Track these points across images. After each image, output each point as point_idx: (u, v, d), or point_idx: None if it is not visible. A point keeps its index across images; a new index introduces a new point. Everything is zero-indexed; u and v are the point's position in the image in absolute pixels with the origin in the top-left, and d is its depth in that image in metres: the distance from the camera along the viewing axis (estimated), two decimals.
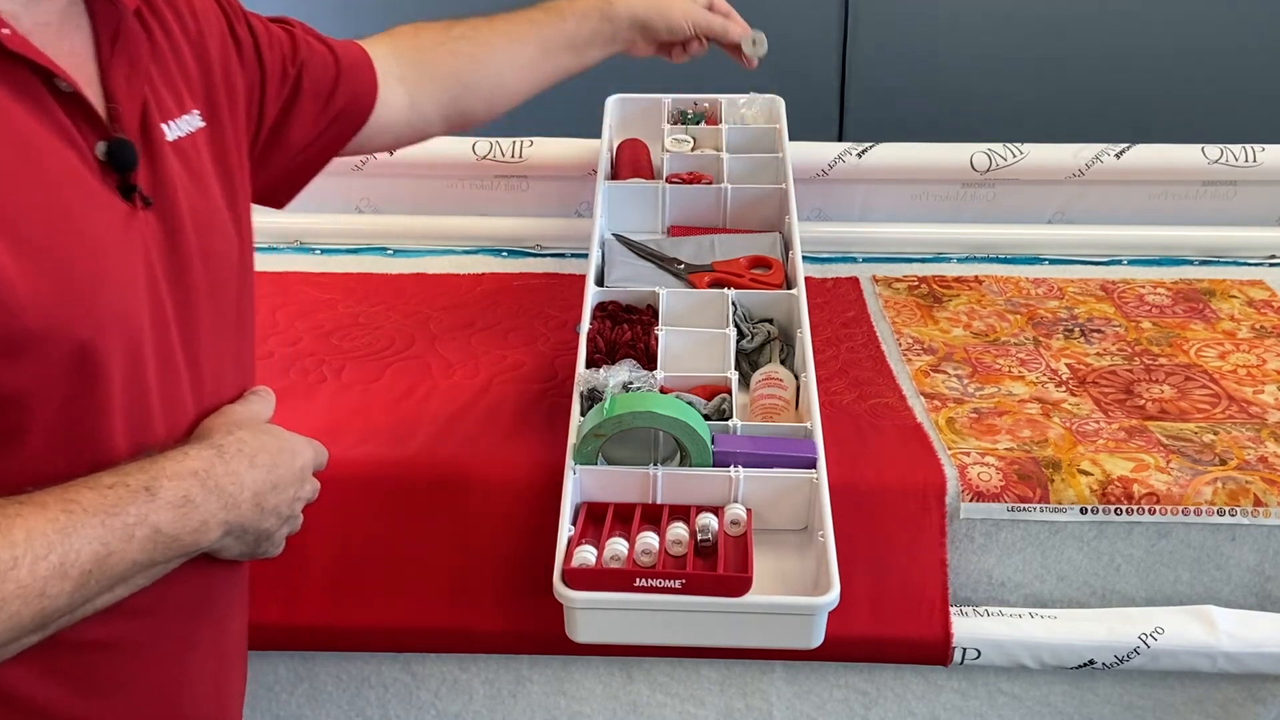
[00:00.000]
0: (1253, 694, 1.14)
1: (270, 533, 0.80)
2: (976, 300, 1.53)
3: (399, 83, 1.10)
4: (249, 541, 0.79)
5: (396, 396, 1.27)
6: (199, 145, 0.82)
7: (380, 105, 1.08)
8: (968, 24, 2.48)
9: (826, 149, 1.67)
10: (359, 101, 1.05)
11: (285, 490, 0.80)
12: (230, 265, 0.84)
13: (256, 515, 0.78)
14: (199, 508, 0.73)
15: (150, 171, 0.76)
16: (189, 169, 0.80)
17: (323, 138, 1.02)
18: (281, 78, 0.96)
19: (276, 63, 0.95)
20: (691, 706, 1.17)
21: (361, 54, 1.07)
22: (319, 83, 1.00)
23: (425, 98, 1.13)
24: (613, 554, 0.95)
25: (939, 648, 1.10)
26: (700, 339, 1.19)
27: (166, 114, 0.80)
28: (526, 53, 1.18)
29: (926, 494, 1.12)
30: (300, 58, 0.98)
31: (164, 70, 0.81)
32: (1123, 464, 1.15)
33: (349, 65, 1.04)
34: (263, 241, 1.68)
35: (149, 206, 0.75)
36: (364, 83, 1.06)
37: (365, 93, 1.06)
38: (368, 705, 1.18)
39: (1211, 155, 1.66)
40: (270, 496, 0.79)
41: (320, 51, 1.01)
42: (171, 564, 0.73)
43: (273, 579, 1.13)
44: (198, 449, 0.75)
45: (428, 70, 1.13)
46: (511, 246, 1.69)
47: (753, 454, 1.03)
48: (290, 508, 0.82)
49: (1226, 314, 1.49)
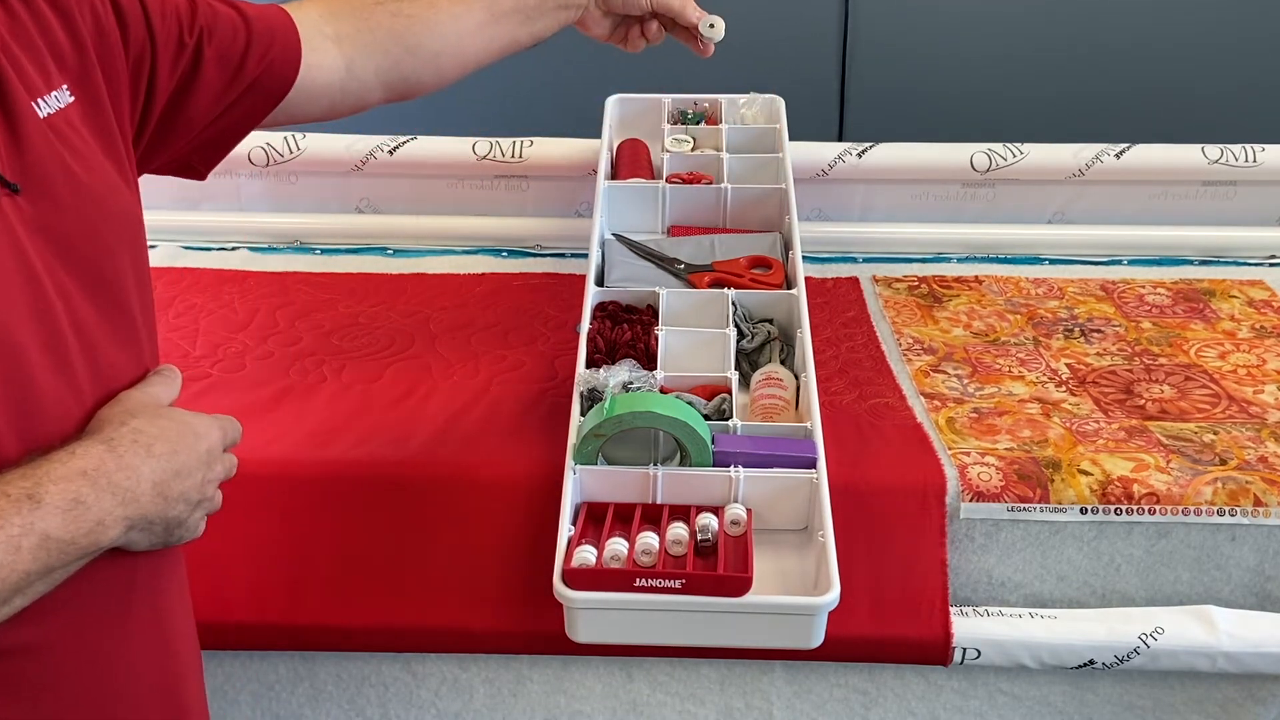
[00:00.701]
0: (1253, 694, 1.15)
1: (181, 519, 0.77)
2: (976, 300, 1.53)
3: (334, 44, 1.03)
4: (158, 532, 0.76)
5: (396, 396, 1.27)
6: (73, 120, 0.78)
7: (309, 70, 1.01)
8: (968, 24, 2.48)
9: (826, 149, 1.67)
10: (278, 69, 0.98)
11: (190, 475, 0.77)
12: (126, 241, 0.80)
13: (161, 505, 0.74)
14: (91, 508, 0.69)
15: (16, 153, 0.73)
16: (68, 145, 0.76)
17: (237, 108, 0.96)
18: (178, 47, 0.90)
19: (171, 31, 0.89)
20: (691, 706, 1.17)
21: (283, 17, 1.00)
22: (226, 50, 0.93)
23: (363, 62, 1.06)
24: (613, 554, 0.95)
25: (939, 648, 1.10)
26: (700, 339, 1.19)
27: (35, 91, 0.75)
28: (474, 16, 1.11)
29: (926, 494, 1.12)
30: (200, 24, 0.91)
31: (29, 46, 0.77)
32: (1123, 464, 1.15)
33: (263, 30, 0.97)
34: (263, 241, 1.69)
35: (16, 192, 0.72)
36: (284, 48, 0.99)
37: (285, 59, 0.99)
38: (368, 705, 1.18)
39: (1211, 155, 1.66)
40: (174, 484, 0.75)
41: (227, 16, 0.95)
42: (72, 567, 0.71)
43: (273, 579, 1.13)
44: (85, 446, 0.71)
45: (366, 32, 1.06)
46: (511, 246, 1.69)
47: (753, 454, 1.03)
48: (200, 491, 0.78)
49: (1226, 314, 1.49)
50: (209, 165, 0.99)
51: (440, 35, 1.10)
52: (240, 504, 1.13)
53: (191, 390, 1.28)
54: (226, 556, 1.13)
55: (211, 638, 1.14)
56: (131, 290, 0.80)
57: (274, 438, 1.18)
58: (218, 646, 1.16)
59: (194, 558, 1.13)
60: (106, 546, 0.72)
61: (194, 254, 1.66)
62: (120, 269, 0.79)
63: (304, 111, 1.03)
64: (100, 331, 0.77)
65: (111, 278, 0.78)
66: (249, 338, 1.42)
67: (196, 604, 1.12)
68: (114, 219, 0.79)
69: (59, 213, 0.74)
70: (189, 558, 1.13)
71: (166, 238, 1.68)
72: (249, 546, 1.14)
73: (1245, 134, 1.70)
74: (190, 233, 1.69)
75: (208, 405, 1.24)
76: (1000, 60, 2.49)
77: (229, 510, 1.13)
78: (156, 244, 1.67)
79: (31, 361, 0.71)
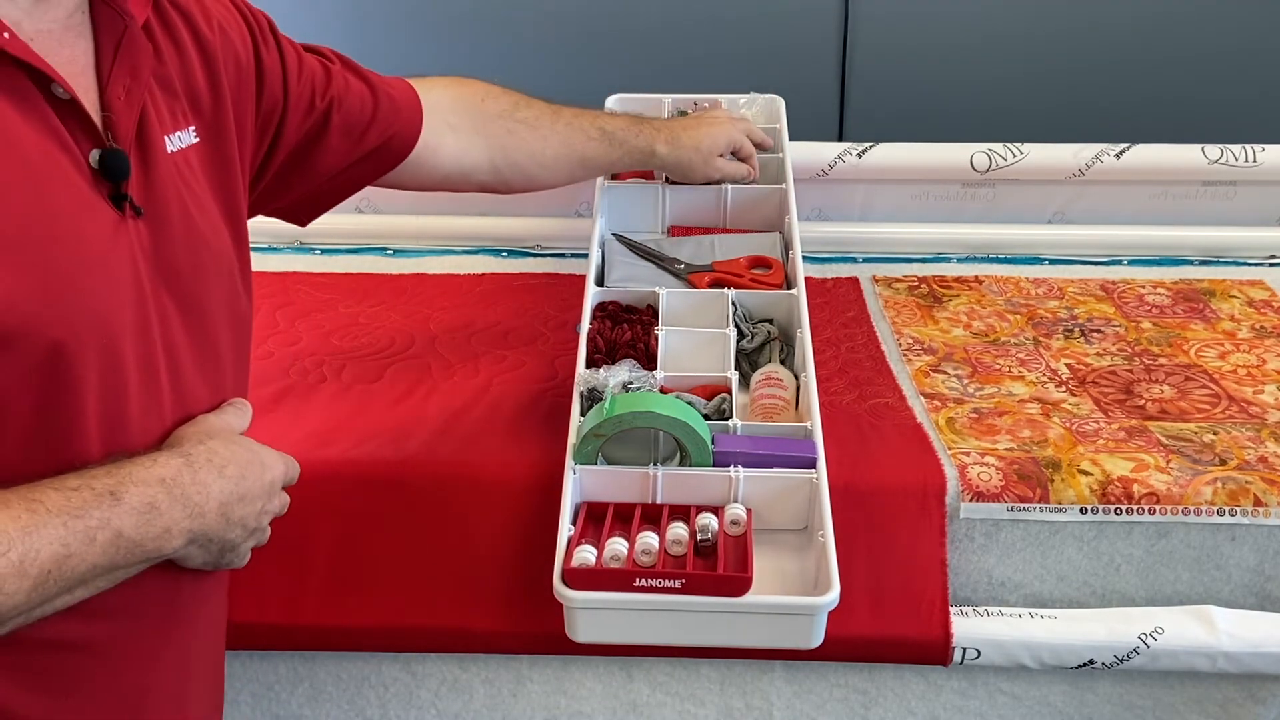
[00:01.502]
0: (1253, 694, 1.15)
1: (235, 544, 0.81)
2: (976, 300, 1.53)
3: (451, 134, 1.16)
4: (213, 551, 0.79)
5: (396, 397, 1.27)
6: (192, 160, 0.83)
7: (424, 149, 1.12)
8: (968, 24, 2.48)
9: (826, 149, 1.67)
10: (396, 143, 1.09)
11: (253, 503, 0.81)
12: (223, 277, 0.85)
13: (222, 525, 0.78)
14: (163, 515, 0.73)
15: (144, 181, 0.77)
16: (185, 182, 0.81)
17: (353, 170, 1.06)
18: (308, 109, 0.98)
19: (304, 93, 0.97)
20: (691, 706, 1.17)
21: (410, 95, 1.11)
22: (351, 118, 1.03)
23: (472, 160, 1.19)
24: (612, 554, 0.95)
25: (939, 648, 1.10)
26: (700, 339, 1.19)
27: (166, 127, 0.81)
28: (570, 161, 1.27)
29: (926, 494, 1.12)
30: (332, 93, 1.01)
31: (168, 84, 0.82)
32: (1123, 464, 1.15)
33: (389, 105, 1.07)
34: (263, 241, 1.69)
35: (140, 216, 0.76)
36: (406, 123, 1.09)
37: (405, 133, 1.09)
38: (368, 705, 1.18)
39: (1211, 155, 1.66)
40: (237, 508, 0.79)
41: (357, 89, 1.04)
42: (133, 569, 0.74)
43: (273, 579, 1.13)
44: (166, 456, 0.76)
45: (483, 135, 1.20)
46: (511, 246, 1.69)
47: (753, 454, 1.03)
48: (257, 520, 0.82)
49: (1226, 314, 1.49)
50: (315, 214, 1.10)
51: (540, 164, 1.26)
52: None
53: None
54: None
55: None
56: (222, 324, 0.85)
57: (274, 438, 1.17)
58: None
59: None
60: (168, 555, 0.75)
61: None
62: (216, 302, 0.84)
63: (408, 182, 1.15)
64: (188, 357, 0.81)
65: (205, 309, 0.83)
66: None
67: None
68: (214, 257, 0.84)
69: (170, 242, 0.79)
70: None
71: None
72: None
73: (1245, 134, 1.70)
74: None
75: None
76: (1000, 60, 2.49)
77: None
78: None
79: (128, 372, 0.75)
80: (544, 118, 1.25)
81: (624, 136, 1.31)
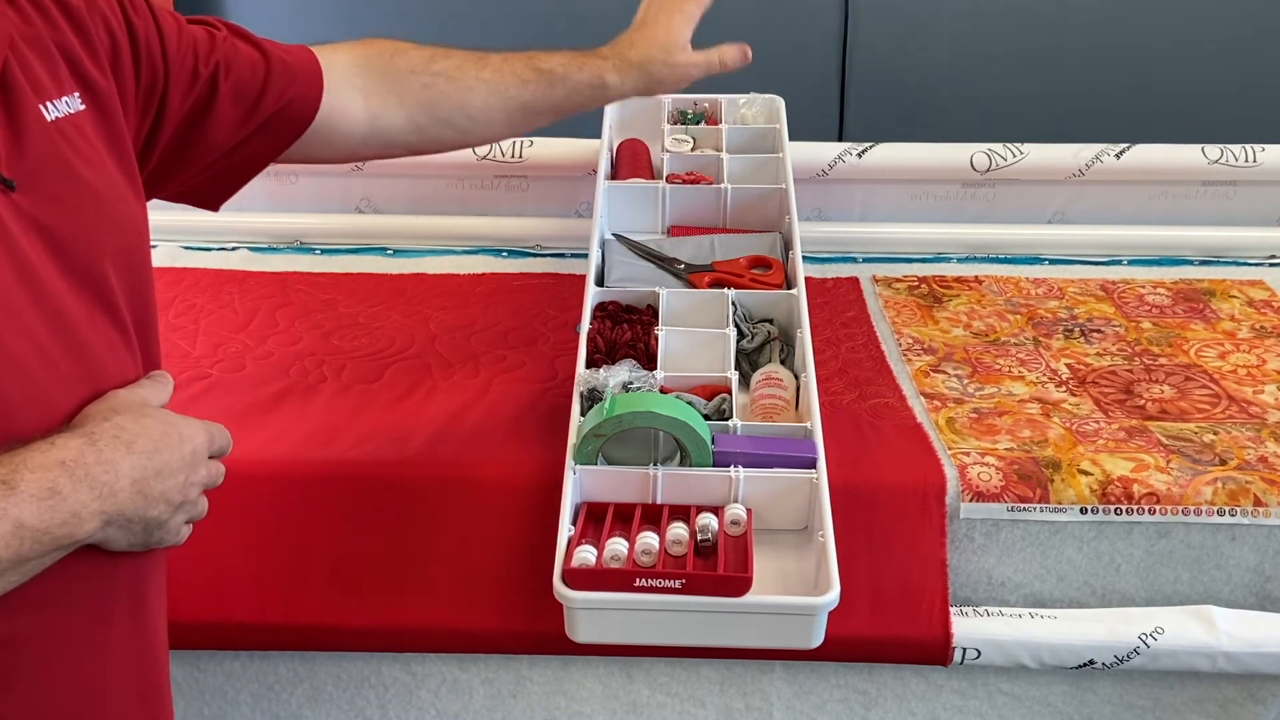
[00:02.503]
0: (1253, 694, 1.15)
1: (161, 520, 0.76)
2: (976, 300, 1.53)
3: (361, 96, 1.06)
4: (137, 531, 0.75)
5: (396, 396, 1.27)
6: (84, 128, 0.79)
7: (332, 112, 1.03)
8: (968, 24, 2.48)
9: (826, 149, 1.67)
10: (295, 108, 1.00)
11: (172, 476, 0.76)
12: (125, 248, 0.81)
13: (140, 503, 0.74)
14: (67, 499, 0.69)
15: (16, 153, 0.73)
16: (75, 150, 0.77)
17: (252, 143, 0.98)
18: (193, 76, 0.92)
19: (186, 60, 0.91)
20: (691, 706, 1.17)
21: (308, 58, 1.03)
22: (242, 84, 0.95)
23: (390, 119, 1.09)
24: (613, 554, 0.95)
25: (939, 648, 1.10)
26: (700, 339, 1.19)
27: (44, 93, 0.77)
28: (506, 108, 1.15)
29: (926, 494, 1.12)
30: (218, 58, 0.94)
31: (41, 49, 0.78)
32: (1123, 464, 1.15)
33: (283, 69, 0.99)
34: (262, 241, 1.69)
35: (12, 189, 0.72)
36: (305, 87, 1.01)
37: (305, 97, 1.01)
38: (368, 705, 1.18)
39: (1211, 155, 1.66)
40: (154, 483, 0.75)
41: (247, 53, 0.97)
42: (47, 559, 0.70)
43: (273, 579, 1.13)
44: (65, 438, 0.71)
45: (396, 93, 1.09)
46: (511, 246, 1.69)
47: (753, 454, 1.03)
48: (182, 493, 0.77)
49: (1226, 314, 1.49)
50: (222, 197, 1.02)
51: (470, 116, 1.13)
52: (240, 504, 1.14)
53: (191, 390, 1.28)
54: (227, 556, 1.13)
55: (211, 638, 1.15)
56: (132, 296, 0.81)
57: (274, 438, 1.18)
58: (218, 646, 1.16)
59: (195, 557, 1.13)
60: (82, 540, 0.72)
61: (194, 254, 1.66)
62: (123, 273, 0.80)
63: (321, 153, 1.06)
64: (91, 333, 0.77)
65: (109, 283, 0.78)
66: (249, 338, 1.42)
67: (197, 604, 1.13)
68: (114, 224, 0.80)
69: (57, 213, 0.75)
70: (191, 558, 1.13)
71: (166, 238, 1.68)
72: (249, 546, 1.14)
73: (1245, 134, 1.70)
74: (190, 233, 1.69)
75: (208, 405, 1.24)
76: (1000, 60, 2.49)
77: (229, 510, 1.13)
78: (157, 244, 1.67)
79: (16, 355, 0.71)
80: (467, 65, 1.13)
81: (565, 73, 1.15)
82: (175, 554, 1.12)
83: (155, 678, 0.86)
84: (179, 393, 1.26)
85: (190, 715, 1.19)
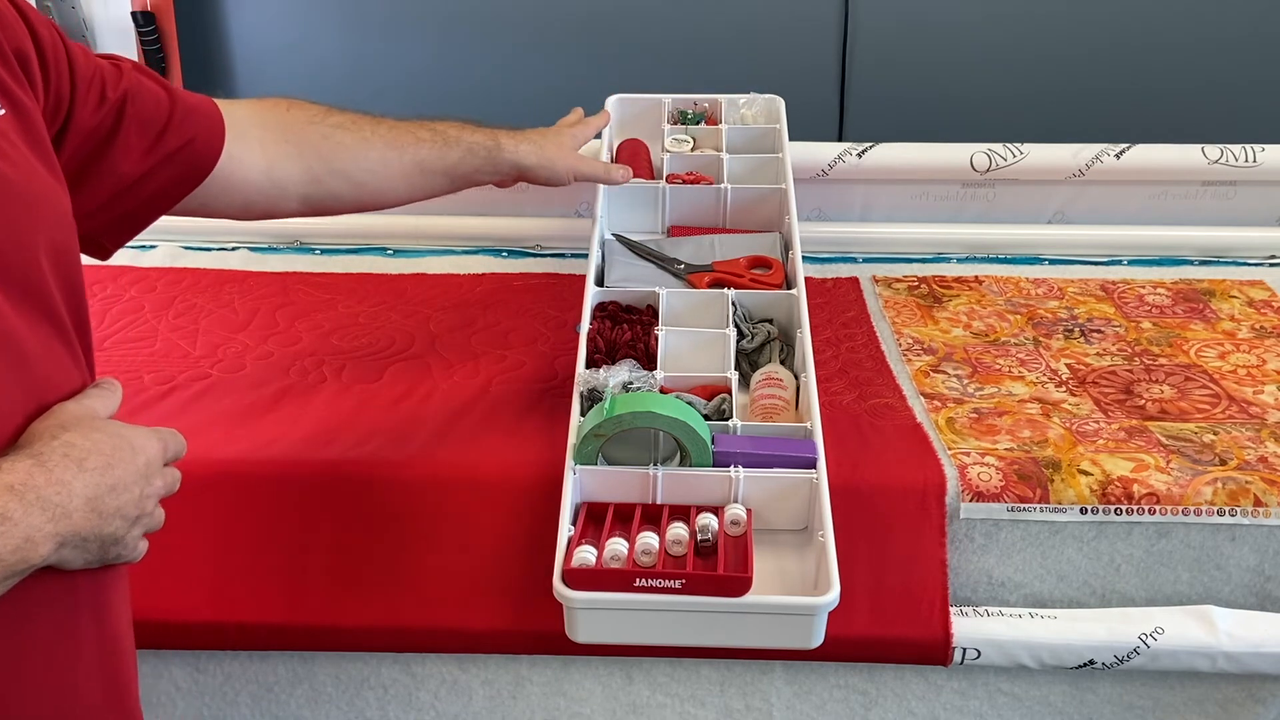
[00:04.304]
0: (1253, 694, 1.15)
1: (118, 536, 0.74)
2: (976, 300, 1.53)
3: (258, 146, 1.05)
4: (93, 550, 0.73)
5: (396, 396, 1.27)
6: (6, 132, 0.77)
7: (230, 161, 1.02)
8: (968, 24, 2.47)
9: (826, 149, 1.67)
10: (200, 147, 0.99)
11: (127, 490, 0.74)
12: (65, 244, 0.79)
13: (95, 522, 0.72)
14: (18, 524, 0.67)
15: None
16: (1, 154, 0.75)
17: (154, 178, 0.95)
18: (100, 100, 0.90)
19: (94, 82, 0.90)
20: (691, 707, 1.17)
21: (209, 104, 1.02)
22: (147, 115, 0.94)
23: (286, 170, 1.08)
24: (613, 554, 0.95)
25: (939, 648, 1.10)
26: (700, 339, 1.19)
27: None
28: (403, 165, 1.16)
29: (926, 494, 1.12)
30: (124, 86, 0.92)
31: None
32: (1123, 464, 1.15)
33: (185, 108, 0.98)
34: (262, 241, 1.69)
35: None
36: (207, 129, 1.00)
37: (208, 140, 1.00)
38: (368, 706, 1.18)
39: (1211, 155, 1.66)
40: (109, 499, 0.73)
41: (151, 89, 0.96)
42: (2, 586, 0.68)
43: (272, 579, 1.13)
44: (12, 461, 0.69)
45: (293, 145, 1.09)
46: (511, 246, 1.69)
47: (753, 454, 1.03)
48: (138, 506, 0.75)
49: (1226, 314, 1.49)
50: (120, 239, 0.98)
51: (367, 169, 1.13)
52: (240, 504, 1.14)
53: (191, 390, 1.28)
54: (227, 556, 1.13)
55: (211, 638, 1.15)
56: (59, 300, 0.78)
57: (274, 438, 1.18)
58: (217, 647, 1.16)
59: (195, 558, 1.13)
60: (37, 564, 0.70)
61: (194, 254, 1.66)
62: (60, 278, 0.77)
63: (218, 204, 1.04)
64: (30, 343, 0.75)
65: (40, 285, 0.76)
66: (249, 338, 1.42)
67: (197, 604, 1.13)
68: (45, 220, 0.77)
69: None
70: (191, 558, 1.14)
71: (166, 238, 1.68)
72: (249, 546, 1.14)
73: (1245, 134, 1.69)
74: (190, 233, 1.69)
75: (208, 405, 1.24)
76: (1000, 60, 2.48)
77: (230, 510, 1.14)
78: (156, 244, 1.67)
79: None
80: (363, 120, 1.15)
81: (459, 135, 1.19)
82: (176, 554, 1.13)
83: (123, 689, 0.85)
84: (179, 393, 1.27)
85: (190, 715, 1.19)
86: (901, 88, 2.50)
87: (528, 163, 1.23)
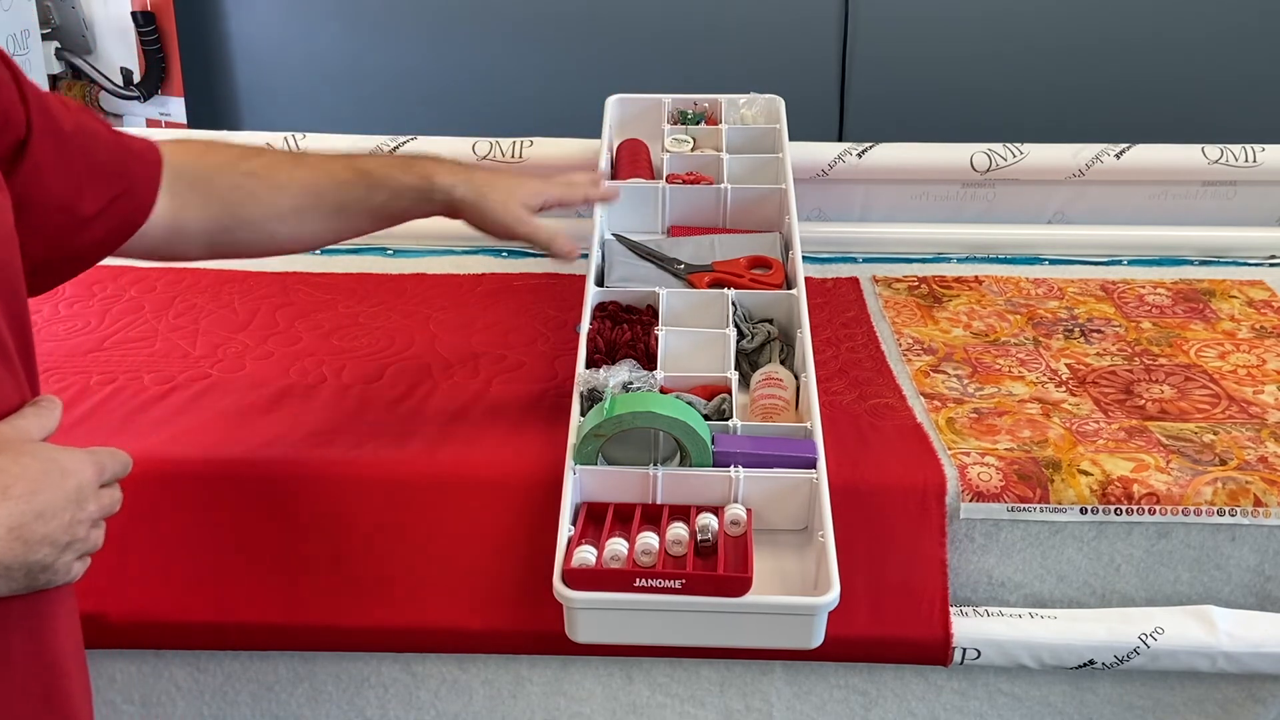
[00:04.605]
0: (1253, 694, 1.15)
1: (46, 563, 0.71)
2: (976, 300, 1.53)
3: (165, 193, 0.97)
4: (18, 578, 0.70)
5: (396, 396, 1.27)
6: None
7: None
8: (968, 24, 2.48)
9: (826, 149, 1.67)
10: (142, 189, 0.94)
11: (55, 516, 0.71)
12: (7, 265, 0.76)
13: (19, 550, 0.69)
14: None
15: None
16: None
17: (107, 215, 0.91)
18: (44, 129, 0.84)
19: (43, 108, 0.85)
20: (691, 707, 1.17)
21: (150, 146, 0.96)
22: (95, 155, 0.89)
23: (190, 218, 1.00)
24: (613, 554, 0.95)
25: (939, 648, 1.10)
26: (700, 339, 1.19)
27: None
28: (320, 210, 1.07)
29: (926, 494, 1.12)
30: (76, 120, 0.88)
31: None
32: (1123, 464, 1.15)
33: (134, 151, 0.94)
34: None
35: None
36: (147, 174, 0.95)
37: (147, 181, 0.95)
38: (368, 705, 1.18)
39: (1211, 155, 1.66)
40: (35, 527, 0.70)
41: (101, 129, 0.91)
42: None
43: (272, 579, 1.13)
44: None
45: (201, 191, 1.01)
46: (511, 246, 1.69)
47: (753, 454, 1.03)
48: (68, 532, 0.72)
49: (1226, 314, 1.49)
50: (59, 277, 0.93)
51: (277, 217, 1.06)
52: (240, 504, 1.14)
53: (191, 390, 1.28)
54: (226, 556, 1.13)
55: (211, 638, 1.15)
56: (16, 322, 0.76)
57: (274, 438, 1.18)
58: (217, 647, 1.16)
59: (194, 558, 1.13)
60: None
61: None
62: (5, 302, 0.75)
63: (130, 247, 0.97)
64: None
65: None
66: (249, 338, 1.42)
67: (197, 604, 1.13)
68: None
69: None
70: (191, 559, 1.14)
71: None
72: (248, 546, 1.14)
73: (1245, 134, 1.70)
74: None
75: (208, 405, 1.24)
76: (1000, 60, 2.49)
77: (229, 510, 1.14)
78: None
79: None
80: (279, 165, 1.06)
81: (387, 174, 1.09)
82: (175, 554, 1.13)
83: (65, 706, 0.81)
84: (179, 393, 1.27)
85: (190, 715, 1.19)
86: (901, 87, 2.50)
87: (458, 195, 1.11)
